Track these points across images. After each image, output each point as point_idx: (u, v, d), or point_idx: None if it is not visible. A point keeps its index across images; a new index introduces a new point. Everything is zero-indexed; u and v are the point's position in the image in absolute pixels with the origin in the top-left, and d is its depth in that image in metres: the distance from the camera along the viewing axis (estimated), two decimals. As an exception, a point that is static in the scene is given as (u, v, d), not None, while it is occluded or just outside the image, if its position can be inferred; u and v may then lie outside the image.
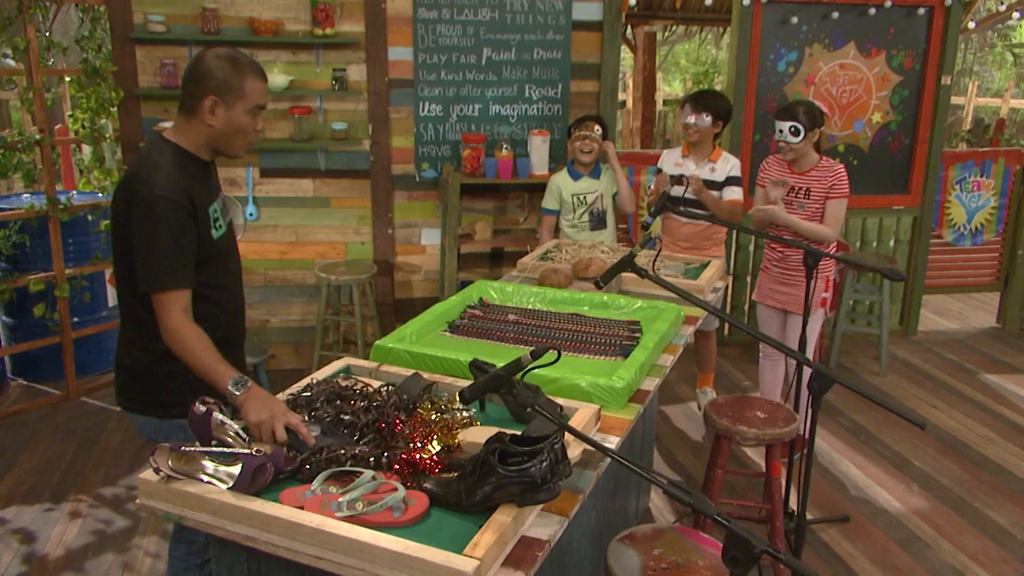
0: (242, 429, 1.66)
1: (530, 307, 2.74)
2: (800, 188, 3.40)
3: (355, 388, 1.88)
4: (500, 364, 2.11)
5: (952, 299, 6.13)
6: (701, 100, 3.59)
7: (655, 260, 2.42)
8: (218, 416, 1.57)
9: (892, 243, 5.18)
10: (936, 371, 4.78)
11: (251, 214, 4.31)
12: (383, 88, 4.27)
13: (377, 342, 2.24)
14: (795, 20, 4.62)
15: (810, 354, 3.57)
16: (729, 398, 2.80)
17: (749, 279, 5.01)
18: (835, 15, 4.66)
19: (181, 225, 1.91)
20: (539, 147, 4.33)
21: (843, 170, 3.33)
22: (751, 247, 4.99)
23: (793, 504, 3.10)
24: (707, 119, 3.57)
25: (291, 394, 1.83)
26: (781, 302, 3.56)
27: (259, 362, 4.11)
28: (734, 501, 2.98)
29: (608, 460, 1.78)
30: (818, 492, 3.40)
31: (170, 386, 2.03)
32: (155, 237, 1.89)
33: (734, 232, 4.87)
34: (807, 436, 2.54)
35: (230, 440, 1.57)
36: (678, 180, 3.67)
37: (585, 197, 3.85)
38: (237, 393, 1.78)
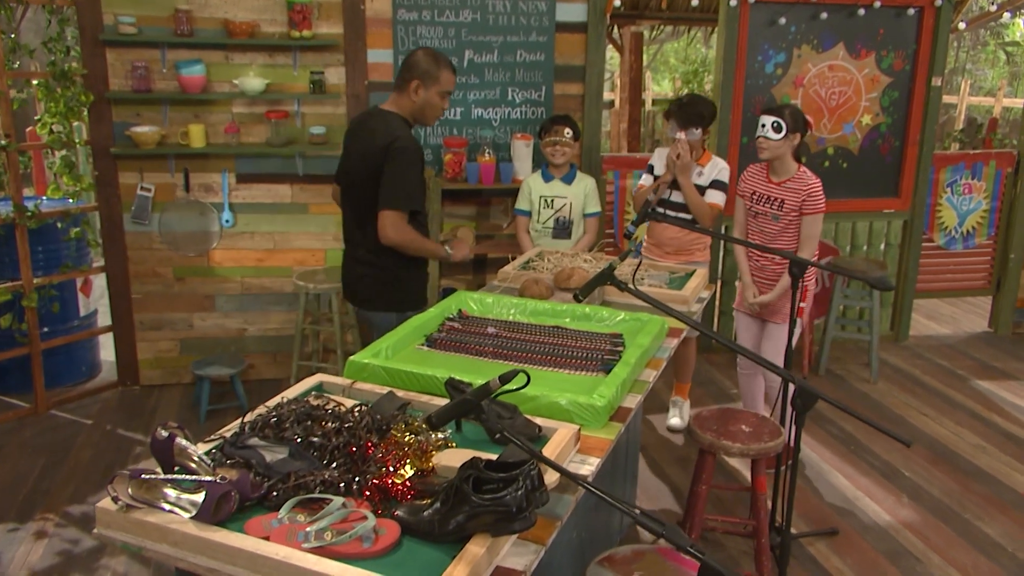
0: (205, 455, 1.64)
1: (511, 319, 2.72)
2: (774, 199, 3.40)
3: (326, 408, 1.86)
4: (477, 381, 2.13)
5: (944, 303, 6.16)
6: (687, 116, 3.57)
7: (635, 272, 2.40)
8: (181, 441, 1.54)
9: (883, 247, 5.20)
10: (927, 377, 4.80)
11: (227, 221, 4.28)
12: (362, 91, 4.25)
13: (351, 358, 2.22)
14: (783, 21, 4.63)
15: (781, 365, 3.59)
16: (713, 411, 2.79)
17: (738, 284, 5.01)
18: (824, 16, 4.67)
19: (422, 166, 2.85)
20: (522, 151, 4.32)
21: (818, 184, 3.34)
22: (740, 252, 4.99)
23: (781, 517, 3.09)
24: (696, 132, 3.57)
25: (259, 415, 1.80)
26: (759, 311, 3.58)
27: (235, 373, 4.09)
28: (719, 517, 2.97)
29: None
30: (806, 504, 3.40)
31: (407, 287, 2.99)
32: (406, 173, 2.79)
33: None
34: (793, 447, 2.53)
35: (193, 466, 1.54)
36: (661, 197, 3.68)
37: (552, 201, 3.84)
38: (451, 251, 3.00)
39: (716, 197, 3.65)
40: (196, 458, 1.55)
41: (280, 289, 4.46)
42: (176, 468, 1.55)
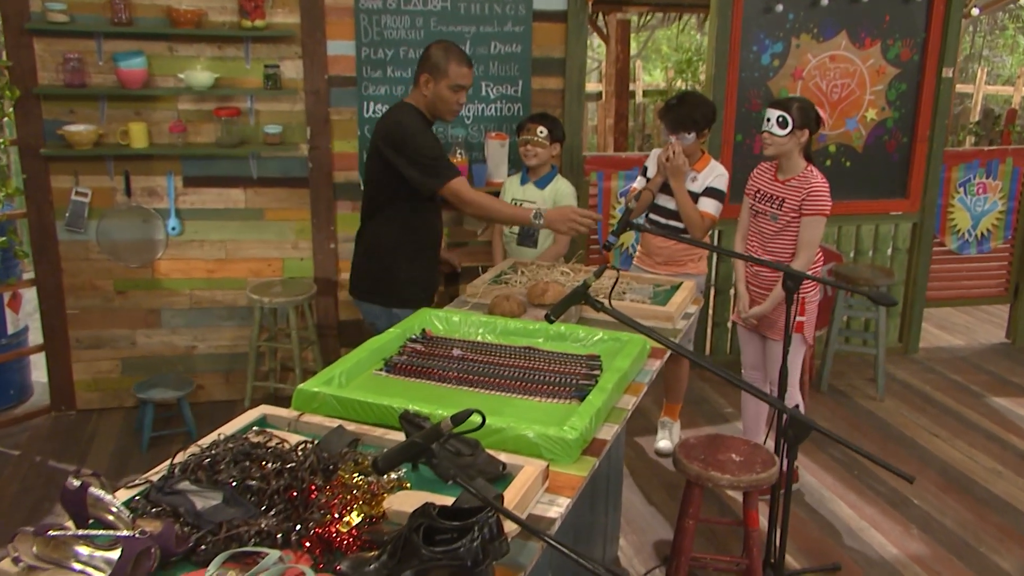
0: (127, 503, 1.59)
1: (479, 340, 2.70)
2: (776, 197, 3.41)
3: (267, 446, 1.82)
4: (437, 412, 2.10)
5: (957, 312, 6.19)
6: (679, 120, 3.56)
7: (613, 288, 2.38)
8: (95, 491, 1.50)
9: (890, 252, 5.22)
10: (938, 394, 4.81)
11: (173, 228, 4.23)
12: (322, 86, 4.22)
13: (300, 386, 2.18)
14: (780, 8, 4.63)
15: (794, 389, 3.59)
16: (701, 438, 2.78)
17: (733, 293, 5.00)
18: (824, 2, 4.68)
19: (436, 141, 3.12)
20: (497, 151, 4.30)
21: (823, 185, 3.34)
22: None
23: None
24: (689, 137, 3.56)
25: (192, 454, 1.76)
26: (756, 324, 3.58)
27: (182, 395, 4.04)
28: (708, 555, 2.94)
29: (555, 527, 1.74)
30: (805, 537, 3.39)
31: (396, 281, 3.21)
32: (419, 146, 3.02)
33: (714, 244, 4.86)
34: (786, 475, 2.51)
35: (111, 519, 1.50)
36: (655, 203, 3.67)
37: (520, 205, 3.81)
38: (540, 221, 3.04)
39: (709, 206, 3.64)
40: (114, 509, 1.51)
41: (233, 303, 4.41)
42: (91, 521, 1.50)
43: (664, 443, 4.09)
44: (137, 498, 1.65)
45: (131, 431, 4.15)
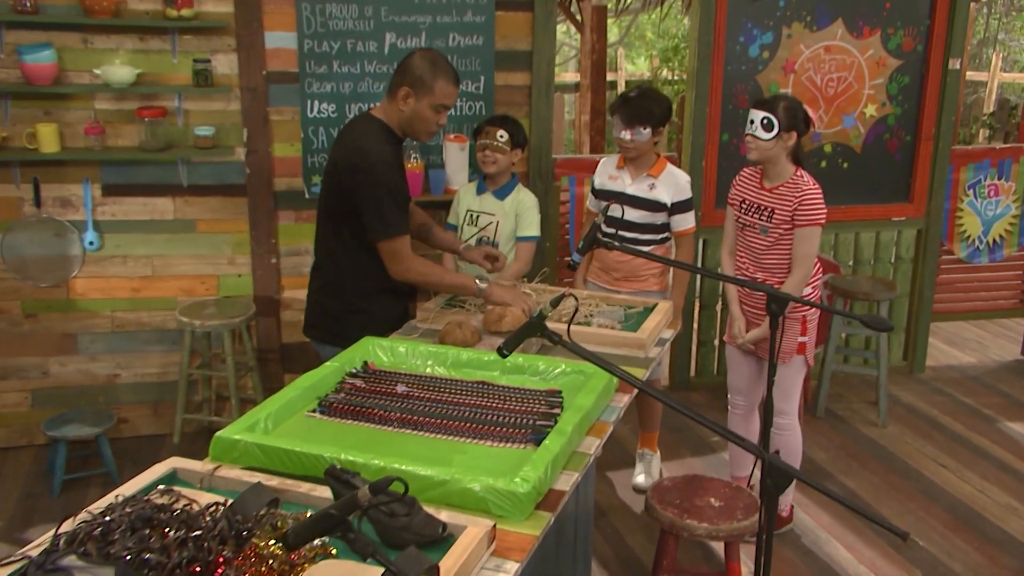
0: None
1: (427, 373, 2.66)
2: (764, 208, 3.39)
3: (173, 509, 1.76)
4: (373, 462, 2.05)
5: (967, 327, 6.20)
6: (634, 112, 3.57)
7: (572, 318, 2.34)
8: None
9: (892, 262, 5.22)
10: (947, 419, 4.81)
11: (91, 243, 4.16)
12: (260, 83, 4.16)
13: (218, 433, 2.13)
14: (769, -6, 4.64)
15: (793, 419, 3.57)
16: (677, 480, 2.75)
17: (719, 308, 5.00)
18: (818, -12, 4.69)
19: (397, 185, 2.98)
20: (456, 156, 4.26)
21: (816, 192, 3.32)
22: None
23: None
24: (645, 132, 3.56)
25: (81, 523, 1.70)
26: (754, 347, 3.57)
27: (101, 432, 3.96)
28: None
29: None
30: (799, 585, 3.36)
31: (351, 319, 3.07)
32: (378, 194, 2.91)
33: (699, 254, 4.85)
34: (766, 525, 2.48)
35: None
36: (608, 214, 3.67)
37: (476, 218, 3.80)
38: (484, 286, 3.00)
39: (687, 221, 3.71)
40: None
41: (161, 325, 4.35)
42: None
43: (642, 478, 4.06)
44: (15, 576, 1.59)
45: (42, 473, 4.07)
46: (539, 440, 2.19)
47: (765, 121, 3.27)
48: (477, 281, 3.03)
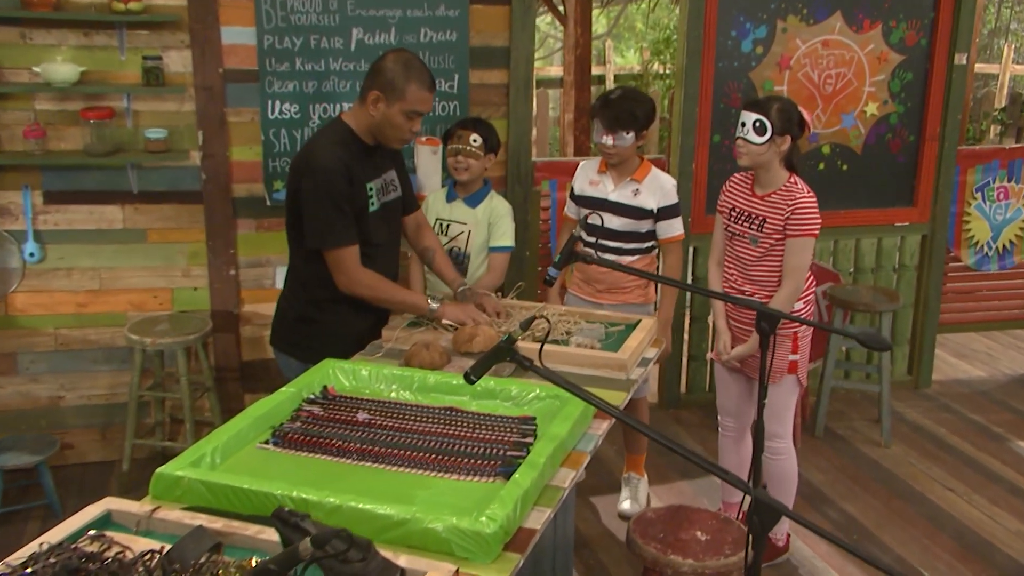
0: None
1: (391, 399, 2.64)
2: (755, 216, 3.37)
3: (104, 557, 1.72)
4: (328, 500, 2.02)
5: (977, 338, 6.22)
6: (616, 115, 3.55)
7: (544, 340, 2.31)
8: None
9: (895, 270, 5.22)
10: (955, 438, 4.81)
11: (32, 254, 4.11)
12: (216, 82, 4.13)
13: (160, 469, 2.10)
14: (763, -14, 4.63)
15: (787, 442, 3.56)
16: (661, 511, 2.73)
17: (711, 319, 4.97)
18: (815, -21, 4.69)
19: (341, 191, 2.96)
20: (428, 160, 4.24)
21: (810, 200, 3.32)
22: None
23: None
24: (628, 137, 3.55)
25: (2, 574, 1.65)
26: (741, 365, 3.56)
27: (42, 460, 3.92)
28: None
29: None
30: (795, 621, 3.34)
31: (310, 331, 3.16)
32: (314, 203, 2.96)
33: (689, 264, 4.84)
34: (752, 564, 2.46)
35: None
36: (588, 223, 3.64)
37: (447, 227, 3.78)
38: (436, 307, 3.05)
39: (675, 228, 3.71)
40: None
41: (109, 343, 4.30)
42: None
43: (628, 504, 4.04)
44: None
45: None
46: (509, 473, 2.17)
47: (757, 124, 3.26)
48: (429, 300, 3.08)
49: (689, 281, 4.91)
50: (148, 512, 1.95)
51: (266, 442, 2.37)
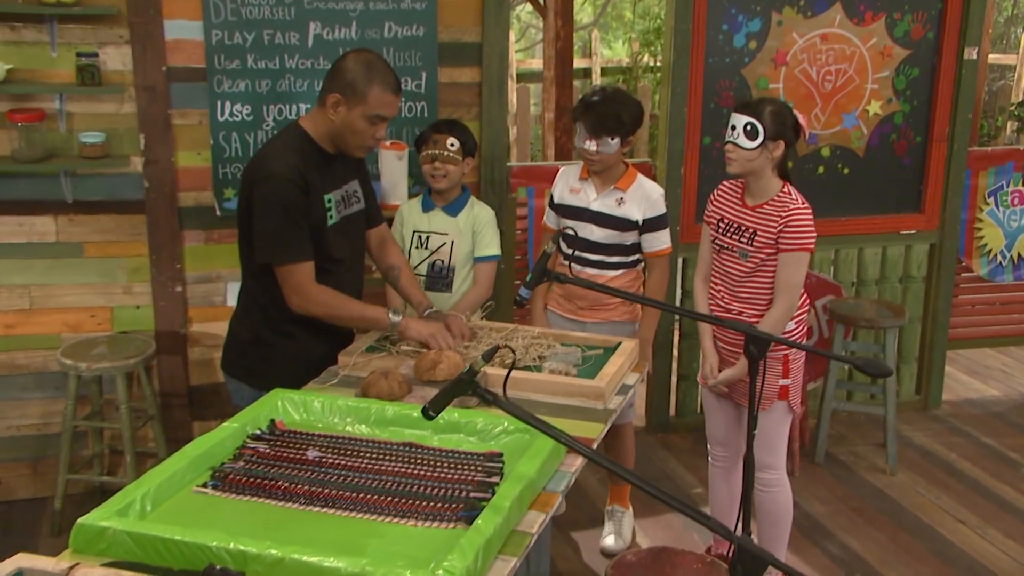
0: None
1: (345, 433, 2.61)
2: (745, 228, 3.35)
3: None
4: (268, 552, 1.97)
5: (990, 354, 6.24)
6: (599, 120, 3.53)
7: (508, 376, 2.27)
8: None
9: (901, 282, 5.22)
10: (966, 464, 4.81)
11: (-46, 270, 4.06)
12: (159, 81, 4.09)
13: (80, 520, 2.05)
14: (756, -24, 4.63)
15: (781, 473, 3.54)
16: (642, 554, 2.72)
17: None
18: (812, -33, 4.69)
19: (295, 203, 2.92)
20: (393, 166, 4.20)
21: (804, 211, 3.30)
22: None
23: None
24: (613, 143, 3.53)
25: None
26: (728, 390, 3.54)
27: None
28: None
29: None
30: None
31: (260, 355, 3.14)
32: (264, 217, 2.92)
33: (678, 277, 4.82)
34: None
35: None
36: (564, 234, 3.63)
37: (427, 239, 3.76)
38: (398, 320, 3.03)
39: (661, 241, 3.70)
40: None
41: (42, 367, 4.26)
42: None
43: (611, 540, 4.02)
44: None
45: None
46: (471, 518, 2.15)
47: (749, 127, 3.24)
48: (390, 314, 3.05)
49: (678, 296, 4.89)
50: (65, 569, 1.90)
51: (204, 485, 2.34)
